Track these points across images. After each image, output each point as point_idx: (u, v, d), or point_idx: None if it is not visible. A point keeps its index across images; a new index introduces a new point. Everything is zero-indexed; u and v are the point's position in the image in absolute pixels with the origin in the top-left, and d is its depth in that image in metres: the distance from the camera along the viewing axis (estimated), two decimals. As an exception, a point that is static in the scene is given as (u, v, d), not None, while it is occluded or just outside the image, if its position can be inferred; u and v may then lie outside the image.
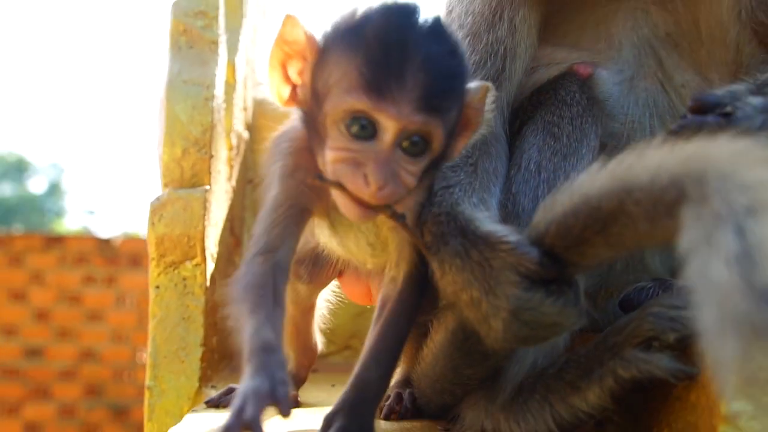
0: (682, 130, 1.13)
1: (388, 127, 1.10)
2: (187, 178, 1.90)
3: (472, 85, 1.23)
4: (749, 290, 0.73)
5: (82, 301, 7.37)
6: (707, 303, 0.78)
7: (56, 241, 7.67)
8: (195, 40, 1.99)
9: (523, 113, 1.45)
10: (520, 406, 1.28)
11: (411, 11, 1.16)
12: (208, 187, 1.90)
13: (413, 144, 1.13)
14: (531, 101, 1.45)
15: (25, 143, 48.05)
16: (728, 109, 1.14)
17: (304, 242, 1.42)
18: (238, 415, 0.98)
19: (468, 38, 1.43)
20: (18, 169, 27.98)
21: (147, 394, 1.83)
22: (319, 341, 1.71)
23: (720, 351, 0.76)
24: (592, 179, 1.08)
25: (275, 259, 1.21)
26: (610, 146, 1.41)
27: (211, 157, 1.93)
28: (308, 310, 1.64)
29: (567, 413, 1.24)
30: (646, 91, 1.45)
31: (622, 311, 1.33)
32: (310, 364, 1.72)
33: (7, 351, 7.28)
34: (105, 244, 7.48)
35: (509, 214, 1.35)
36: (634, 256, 1.47)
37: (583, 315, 1.18)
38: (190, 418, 1.57)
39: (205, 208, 1.87)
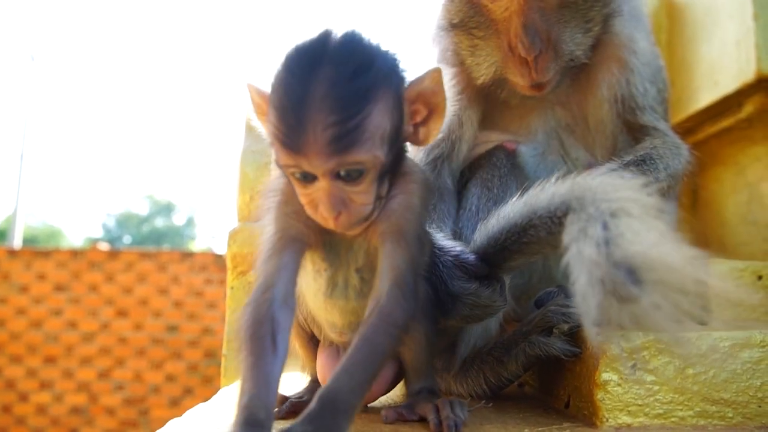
0: None
1: (315, 172, 0.86)
2: (253, 215, 1.89)
3: (423, 73, 0.93)
4: (610, 262, 0.79)
5: (204, 295, 7.43)
6: (582, 273, 0.81)
7: (188, 255, 7.76)
8: (261, 125, 1.99)
9: (467, 173, 1.42)
10: (464, 374, 1.25)
11: (315, 48, 0.87)
12: (266, 221, 1.89)
13: (347, 174, 0.87)
14: (473, 165, 1.41)
15: (171, 189, 49.02)
16: None
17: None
18: None
19: None
20: (167, 208, 28.68)
21: (222, 359, 1.82)
22: None
23: (588, 303, 0.79)
24: (511, 208, 1.09)
25: (273, 297, 0.89)
26: None
27: (269, 202, 1.92)
28: None
29: (494, 378, 1.21)
30: (552, 162, 1.41)
31: (537, 308, 1.27)
32: None
33: (155, 327, 7.35)
34: (219, 257, 7.54)
35: (457, 240, 1.31)
36: (546, 270, 1.42)
37: (506, 302, 1.16)
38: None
39: (264, 236, 1.85)
